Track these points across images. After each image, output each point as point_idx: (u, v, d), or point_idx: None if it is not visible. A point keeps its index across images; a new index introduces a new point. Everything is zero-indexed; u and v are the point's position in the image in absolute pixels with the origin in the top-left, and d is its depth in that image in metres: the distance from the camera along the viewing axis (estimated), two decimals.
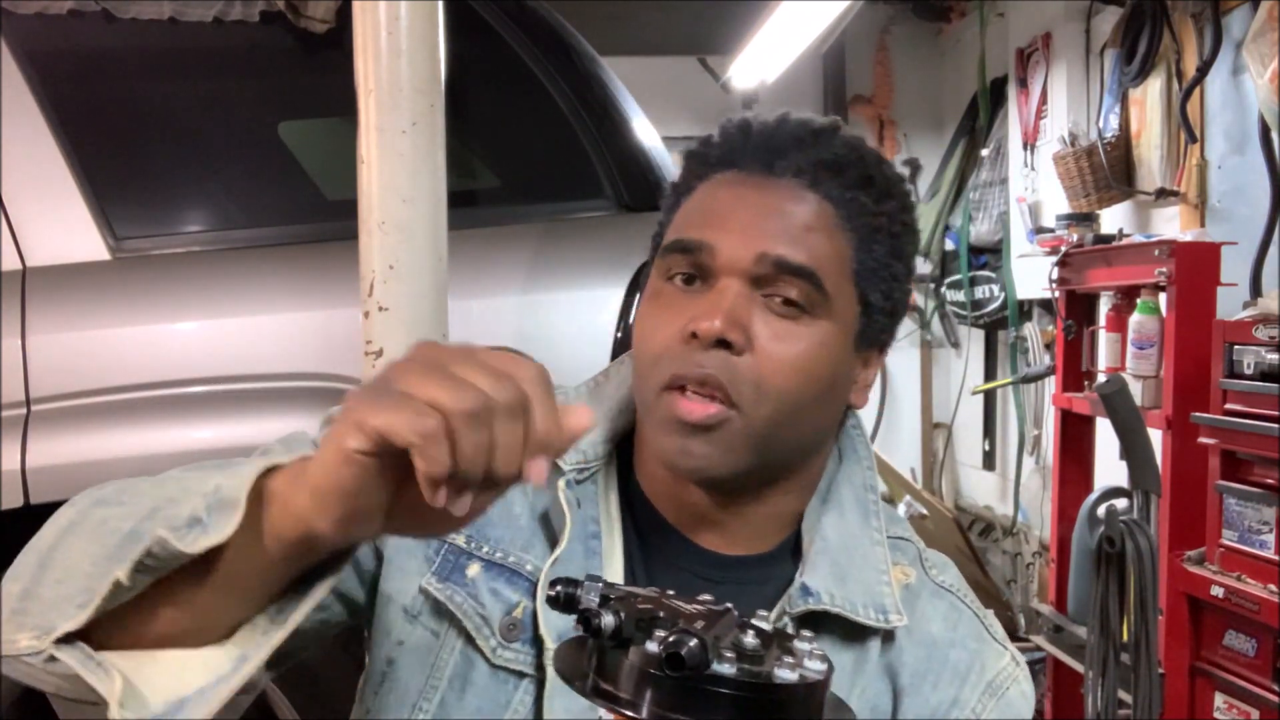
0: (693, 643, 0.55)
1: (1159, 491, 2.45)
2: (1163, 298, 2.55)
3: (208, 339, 1.86)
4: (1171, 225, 3.23)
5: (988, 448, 4.69)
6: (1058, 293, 2.96)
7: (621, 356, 0.94)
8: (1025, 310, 4.19)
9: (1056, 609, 2.89)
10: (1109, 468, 2.87)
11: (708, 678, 0.56)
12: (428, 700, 0.84)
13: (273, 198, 2.05)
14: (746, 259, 0.81)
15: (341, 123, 1.80)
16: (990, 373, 4.65)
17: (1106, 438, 2.74)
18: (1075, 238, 3.04)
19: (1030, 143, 4.04)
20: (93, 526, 0.68)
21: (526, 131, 2.10)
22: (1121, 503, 2.51)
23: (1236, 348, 2.24)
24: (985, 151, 4.47)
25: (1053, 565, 3.00)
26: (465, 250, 1.75)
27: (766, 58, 3.97)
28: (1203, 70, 2.99)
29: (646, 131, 2.10)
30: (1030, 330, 4.14)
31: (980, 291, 4.49)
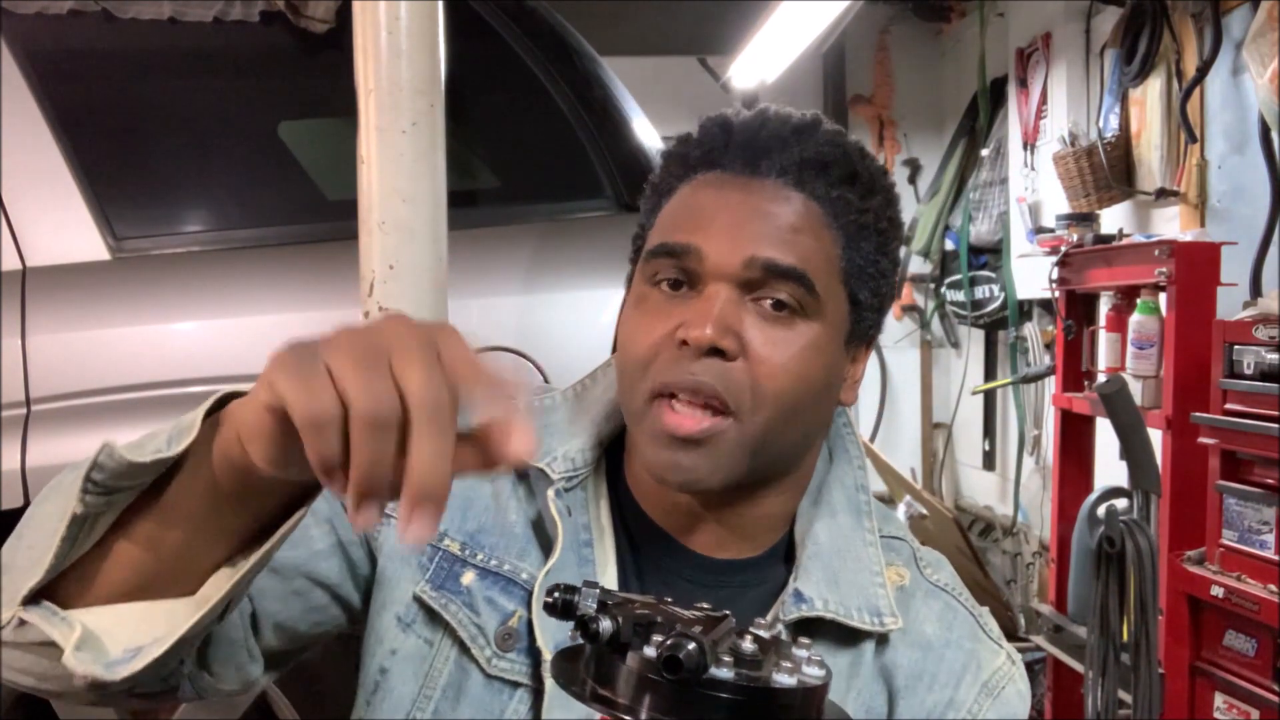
0: (691, 646, 0.55)
1: (1159, 491, 2.45)
2: (1163, 298, 2.55)
3: (208, 339, 1.86)
4: (1171, 225, 3.23)
5: (988, 448, 4.68)
6: (1058, 293, 2.96)
7: (607, 359, 0.93)
8: (1025, 310, 4.19)
9: (1056, 609, 2.89)
10: (1109, 468, 2.87)
11: (706, 682, 0.55)
12: (421, 710, 0.84)
13: (272, 198, 2.05)
14: (735, 263, 0.80)
15: (341, 123, 1.80)
16: (990, 373, 4.65)
17: (1106, 438, 2.74)
18: (1075, 238, 3.04)
19: (1030, 143, 4.04)
20: (63, 487, 0.67)
21: (527, 131, 2.10)
22: (1121, 503, 2.51)
23: (1236, 348, 2.24)
24: (985, 151, 4.47)
25: (1053, 565, 3.00)
26: (465, 250, 1.75)
27: (766, 58, 3.96)
28: (1203, 70, 2.99)
29: (646, 131, 2.10)
30: (1030, 330, 4.14)
31: (980, 291, 4.49)
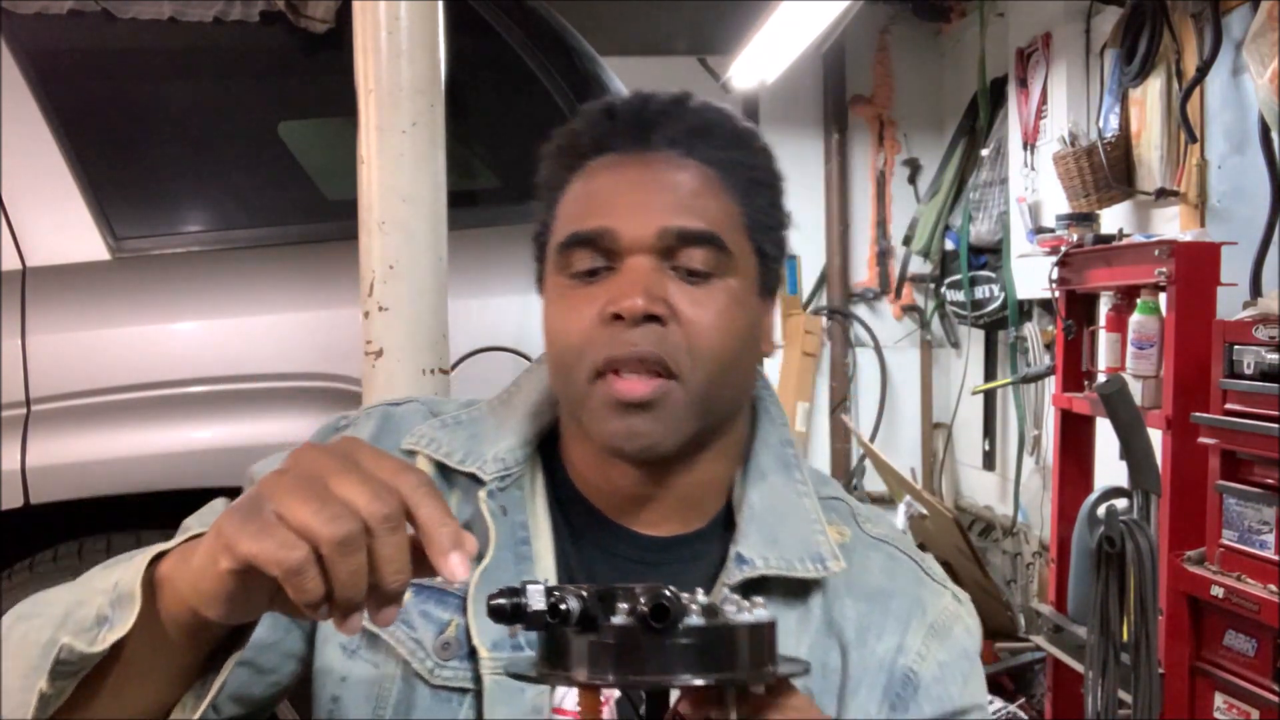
0: (667, 593, 0.59)
1: (1159, 491, 2.45)
2: (1163, 298, 2.54)
3: (207, 339, 1.86)
4: (1171, 225, 3.23)
5: (988, 448, 4.68)
6: (1058, 293, 2.96)
7: (529, 365, 0.96)
8: (1025, 310, 4.18)
9: (1056, 609, 2.89)
10: (1109, 468, 2.86)
11: (680, 631, 0.59)
12: None
13: (272, 198, 2.05)
14: (649, 236, 0.82)
15: (341, 123, 1.80)
16: (990, 373, 4.65)
17: (1106, 438, 2.74)
18: (1075, 238, 3.03)
19: (1030, 143, 4.03)
20: (16, 643, 0.69)
21: (527, 131, 2.10)
22: (1121, 503, 2.51)
23: (1236, 348, 2.24)
24: (985, 151, 4.47)
25: (1053, 565, 3.00)
26: (465, 250, 1.75)
27: (766, 58, 3.96)
28: (1203, 70, 2.98)
29: None
30: (1030, 330, 4.14)
31: (980, 291, 4.48)
